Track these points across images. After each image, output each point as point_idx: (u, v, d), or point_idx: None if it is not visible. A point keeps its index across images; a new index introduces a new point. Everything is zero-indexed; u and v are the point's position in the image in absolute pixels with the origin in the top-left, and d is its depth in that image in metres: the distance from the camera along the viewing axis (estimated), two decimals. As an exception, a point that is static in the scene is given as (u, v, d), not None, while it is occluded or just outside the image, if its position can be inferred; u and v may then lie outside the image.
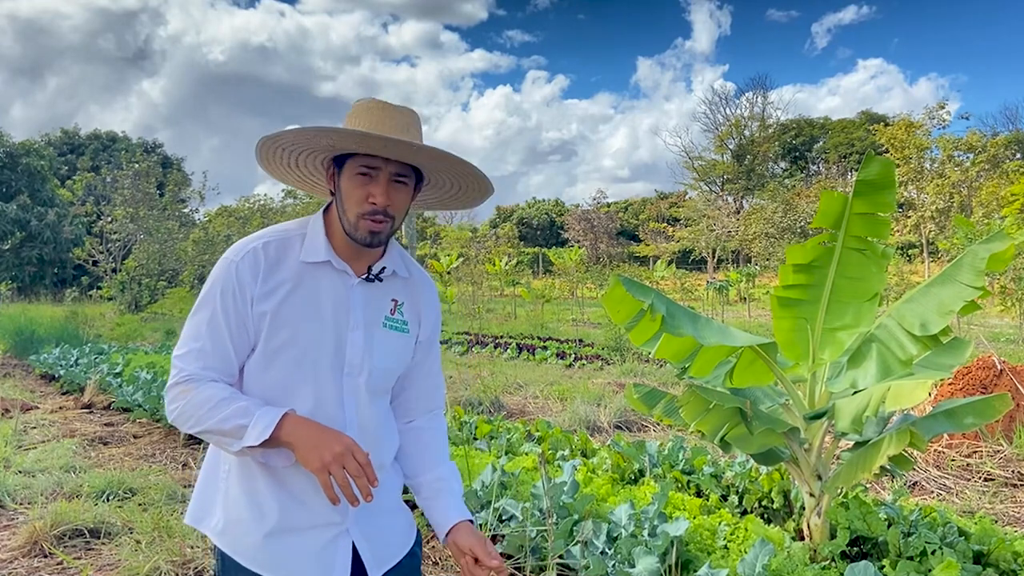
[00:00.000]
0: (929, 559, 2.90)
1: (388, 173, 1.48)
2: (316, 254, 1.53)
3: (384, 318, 1.59)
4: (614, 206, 64.21)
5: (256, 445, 1.39)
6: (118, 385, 7.97)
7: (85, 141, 52.63)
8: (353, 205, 1.49)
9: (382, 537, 1.59)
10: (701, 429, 2.93)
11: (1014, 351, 11.03)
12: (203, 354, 1.48)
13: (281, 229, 1.58)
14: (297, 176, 1.66)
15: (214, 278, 1.51)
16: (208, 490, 1.59)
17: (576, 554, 3.09)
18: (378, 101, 1.54)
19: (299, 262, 1.53)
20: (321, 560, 1.50)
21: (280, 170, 1.63)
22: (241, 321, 1.49)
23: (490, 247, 40.30)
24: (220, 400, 1.42)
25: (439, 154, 1.47)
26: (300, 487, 1.51)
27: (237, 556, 1.51)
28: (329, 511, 1.51)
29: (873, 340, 2.94)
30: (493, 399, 7.76)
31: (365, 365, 1.54)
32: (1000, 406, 2.72)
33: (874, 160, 2.88)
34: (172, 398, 1.47)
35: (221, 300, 1.49)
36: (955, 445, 5.16)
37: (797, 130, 58.91)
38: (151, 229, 25.18)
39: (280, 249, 1.54)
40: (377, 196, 1.47)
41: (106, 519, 4.11)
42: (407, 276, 1.66)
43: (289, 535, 1.50)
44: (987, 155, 26.21)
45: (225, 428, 1.41)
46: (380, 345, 1.57)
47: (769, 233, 31.67)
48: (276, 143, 1.51)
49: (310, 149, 1.53)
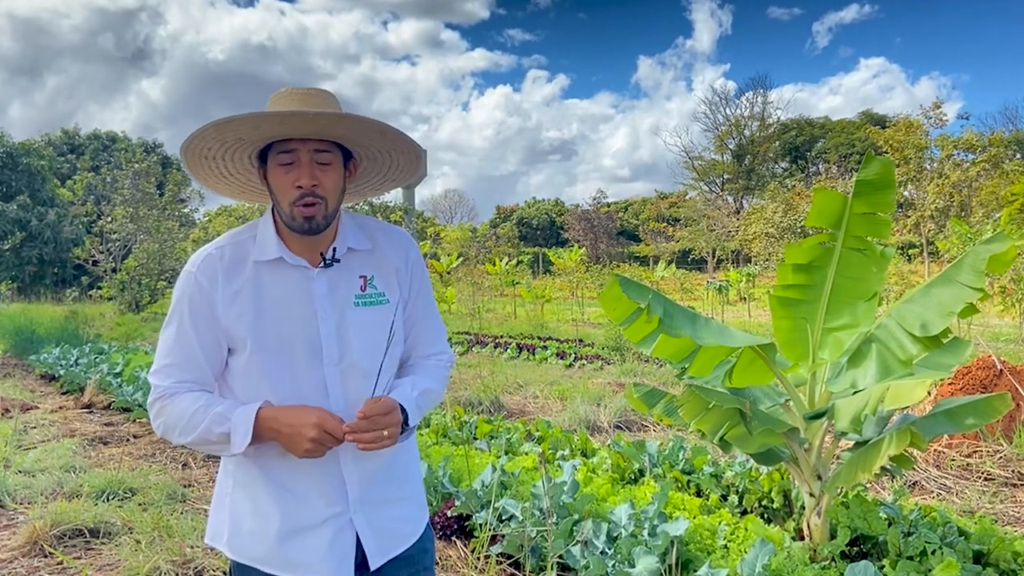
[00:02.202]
0: (929, 559, 2.90)
1: (308, 154, 1.49)
2: (268, 252, 1.55)
3: (355, 297, 1.58)
4: (614, 206, 64.22)
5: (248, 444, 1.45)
6: (118, 385, 7.98)
7: (85, 141, 52.65)
8: (283, 195, 1.50)
9: (385, 526, 1.59)
10: (701, 429, 2.93)
11: (1014, 351, 11.03)
12: (174, 368, 1.51)
13: (233, 234, 1.60)
14: (236, 185, 1.66)
15: (178, 292, 1.54)
16: (217, 510, 1.63)
17: (576, 554, 3.09)
18: (290, 88, 1.55)
19: (254, 263, 1.54)
20: (333, 552, 1.52)
21: (219, 182, 1.64)
22: (209, 328, 1.51)
23: (490, 247, 40.32)
24: (195, 411, 1.46)
25: (340, 117, 1.45)
26: (301, 487, 1.53)
27: (254, 563, 1.54)
28: (332, 504, 1.53)
29: (873, 340, 2.94)
30: (493, 399, 7.76)
31: (344, 350, 1.54)
32: (1000, 406, 2.72)
33: (874, 160, 2.88)
34: (153, 416, 1.52)
35: (188, 311, 1.51)
36: (955, 445, 5.16)
37: (797, 130, 58.91)
38: (151, 229, 25.17)
39: (234, 253, 1.55)
40: (302, 178, 1.48)
41: (106, 519, 4.11)
42: (370, 248, 1.63)
43: (299, 535, 1.52)
44: (987, 155, 26.20)
45: (211, 439, 1.46)
46: (355, 325, 1.56)
47: (769, 233, 31.68)
48: (195, 151, 1.51)
49: (226, 147, 1.53)
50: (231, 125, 1.43)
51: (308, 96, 1.53)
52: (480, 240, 42.95)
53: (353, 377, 1.55)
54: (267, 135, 1.48)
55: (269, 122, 1.43)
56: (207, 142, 1.49)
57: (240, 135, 1.47)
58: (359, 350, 1.55)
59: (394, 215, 17.80)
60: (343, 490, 1.54)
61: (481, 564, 3.47)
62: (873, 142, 28.16)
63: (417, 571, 1.65)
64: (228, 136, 1.48)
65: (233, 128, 1.44)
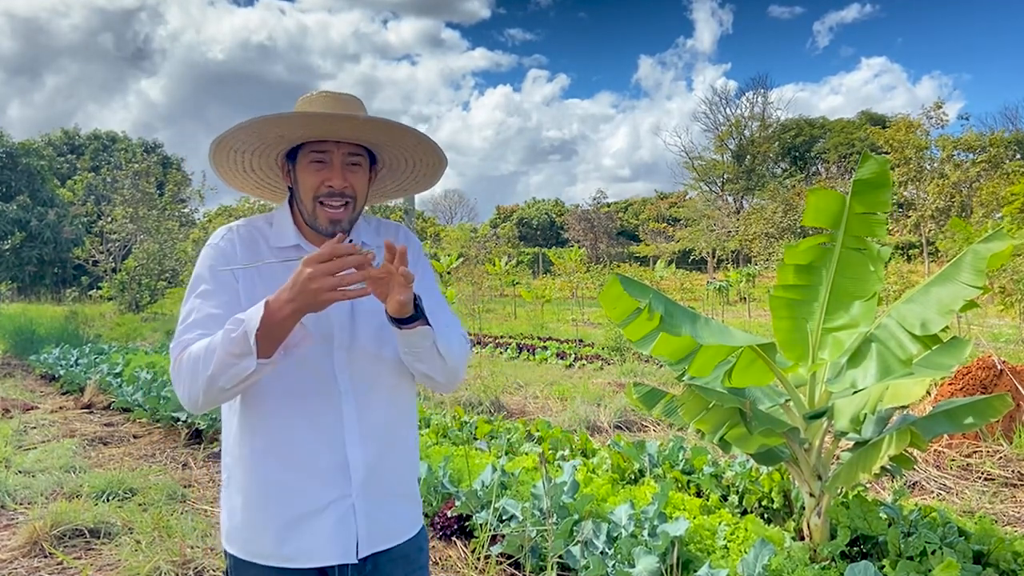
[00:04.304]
0: (929, 559, 2.90)
1: (341, 156, 1.51)
2: (286, 239, 1.57)
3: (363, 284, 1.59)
4: (614, 206, 64.23)
5: (272, 350, 1.34)
6: (118, 385, 7.98)
7: (85, 141, 52.63)
8: (309, 190, 1.51)
9: (381, 518, 1.59)
10: (701, 429, 2.93)
11: (1014, 351, 11.03)
12: (194, 326, 1.46)
13: (248, 220, 1.62)
14: (255, 180, 1.68)
15: (200, 262, 1.55)
16: (223, 508, 1.64)
17: (576, 554, 3.09)
18: (321, 91, 1.57)
19: (270, 247, 1.57)
20: (338, 536, 1.52)
21: (237, 176, 1.65)
22: (228, 289, 1.51)
23: (490, 247, 40.32)
24: (208, 342, 1.38)
25: (386, 124, 1.48)
26: (306, 471, 1.52)
27: (255, 558, 1.53)
28: (336, 487, 1.52)
29: (873, 340, 2.94)
30: (493, 399, 7.76)
31: (354, 334, 1.55)
32: (1000, 406, 2.72)
33: (870, 159, 2.88)
34: (175, 381, 1.44)
35: (210, 276, 1.52)
36: (955, 445, 5.16)
37: (797, 130, 58.89)
38: (151, 229, 25.16)
39: (251, 234, 1.58)
40: (334, 179, 1.50)
41: (106, 519, 4.11)
42: (380, 244, 1.62)
43: (302, 521, 1.52)
44: (988, 155, 26.20)
45: (232, 351, 1.33)
46: (362, 311, 1.57)
47: (769, 233, 31.70)
48: (227, 144, 1.52)
49: (261, 145, 1.55)
50: (277, 122, 1.44)
51: (345, 101, 1.55)
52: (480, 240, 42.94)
53: (361, 361, 1.56)
54: (310, 135, 1.50)
55: (318, 122, 1.45)
56: (247, 136, 1.50)
57: (282, 132, 1.49)
58: (366, 335, 1.57)
59: (394, 215, 17.81)
60: (347, 474, 1.53)
61: (481, 564, 3.47)
62: (873, 142, 28.16)
63: (413, 570, 1.65)
64: (269, 134, 1.49)
65: (279, 125, 1.46)
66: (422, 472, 4.07)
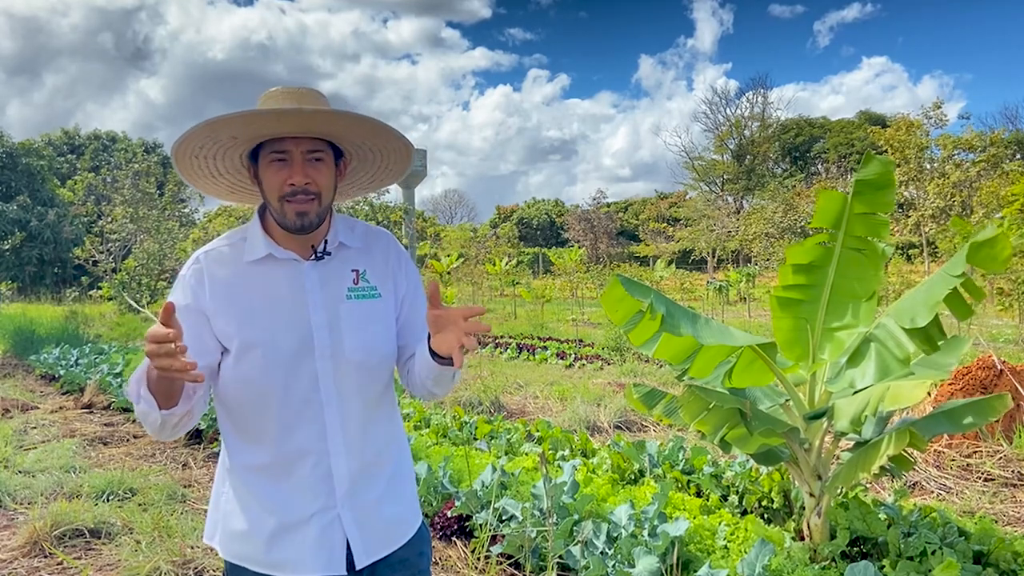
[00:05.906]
0: (929, 559, 2.90)
1: (301, 152, 1.50)
2: (256, 251, 1.55)
3: (347, 290, 1.58)
4: (614, 206, 64.19)
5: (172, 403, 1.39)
6: (118, 385, 7.97)
7: (85, 141, 52.61)
8: (274, 190, 1.50)
9: (373, 525, 1.58)
10: (701, 429, 2.93)
11: (1014, 351, 11.03)
12: None
13: (227, 236, 1.61)
14: (227, 185, 1.66)
15: (173, 295, 1.54)
16: (213, 509, 1.64)
17: (576, 554, 3.09)
18: (280, 87, 1.55)
19: (244, 263, 1.55)
20: (321, 548, 1.52)
21: (208, 182, 1.64)
22: (197, 326, 1.48)
23: (490, 247, 40.31)
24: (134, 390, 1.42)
25: (335, 114, 1.46)
26: (290, 482, 1.53)
27: (245, 563, 1.55)
28: (319, 498, 1.53)
29: (872, 340, 2.94)
30: (493, 399, 7.75)
31: (337, 343, 1.54)
32: (1000, 406, 2.72)
33: (873, 159, 2.88)
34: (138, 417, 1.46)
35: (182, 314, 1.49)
36: (955, 445, 5.16)
37: (797, 130, 58.88)
38: (151, 229, 25.15)
39: (221, 256, 1.56)
40: (295, 176, 1.49)
41: (106, 519, 4.11)
42: (361, 246, 1.64)
43: (287, 532, 1.52)
44: (988, 155, 26.19)
45: (140, 405, 1.39)
46: (347, 318, 1.56)
47: (769, 233, 31.67)
48: (186, 149, 1.51)
49: (218, 147, 1.53)
50: (225, 123, 1.43)
51: (300, 95, 1.53)
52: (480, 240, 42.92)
53: (345, 370, 1.54)
54: (261, 133, 1.48)
55: (264, 119, 1.43)
56: (200, 140, 1.49)
57: (233, 133, 1.47)
58: (352, 343, 1.55)
59: (394, 215, 17.79)
60: (331, 485, 1.53)
61: (481, 564, 3.47)
62: (873, 142, 28.14)
63: (412, 575, 1.65)
64: (221, 134, 1.48)
65: (227, 126, 1.44)
66: (422, 472, 4.07)
